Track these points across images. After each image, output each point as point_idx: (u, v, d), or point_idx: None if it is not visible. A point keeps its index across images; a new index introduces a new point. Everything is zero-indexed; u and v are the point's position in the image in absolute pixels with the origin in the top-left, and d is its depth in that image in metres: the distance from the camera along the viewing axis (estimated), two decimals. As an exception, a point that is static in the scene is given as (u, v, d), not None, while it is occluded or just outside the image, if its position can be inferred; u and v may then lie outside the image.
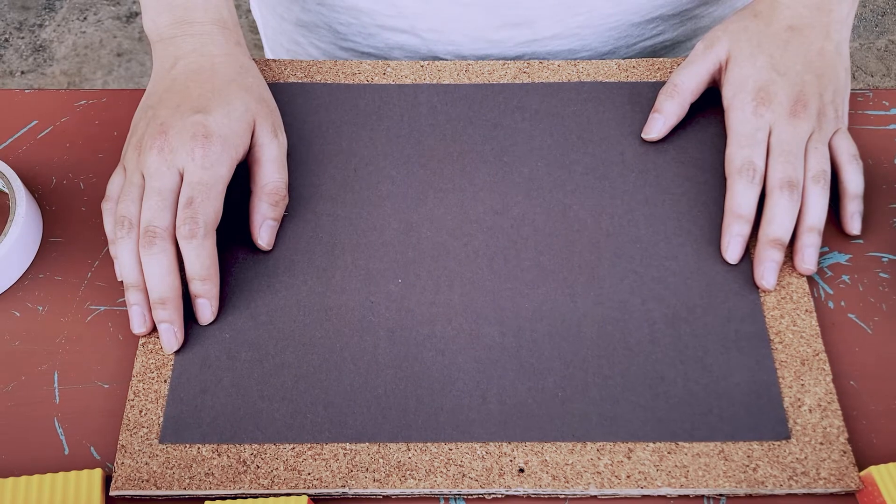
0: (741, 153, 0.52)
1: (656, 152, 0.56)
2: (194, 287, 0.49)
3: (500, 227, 0.53)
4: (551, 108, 0.58)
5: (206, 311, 0.49)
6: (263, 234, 0.52)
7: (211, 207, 0.48)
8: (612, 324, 0.49)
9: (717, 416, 0.46)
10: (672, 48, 0.71)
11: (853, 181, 0.53)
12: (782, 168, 0.51)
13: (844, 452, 0.45)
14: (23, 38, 1.81)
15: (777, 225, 0.50)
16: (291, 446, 0.46)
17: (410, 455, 0.45)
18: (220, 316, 0.50)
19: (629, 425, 0.46)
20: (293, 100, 0.59)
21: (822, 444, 0.45)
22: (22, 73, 1.75)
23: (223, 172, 0.49)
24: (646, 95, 0.58)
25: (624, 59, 0.69)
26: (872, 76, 1.71)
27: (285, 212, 0.53)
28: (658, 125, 0.56)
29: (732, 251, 0.51)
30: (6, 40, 1.79)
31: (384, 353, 0.48)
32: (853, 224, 0.53)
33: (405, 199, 0.54)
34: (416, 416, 0.46)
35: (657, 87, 0.58)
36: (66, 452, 0.46)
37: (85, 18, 1.85)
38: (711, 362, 0.48)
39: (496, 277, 0.51)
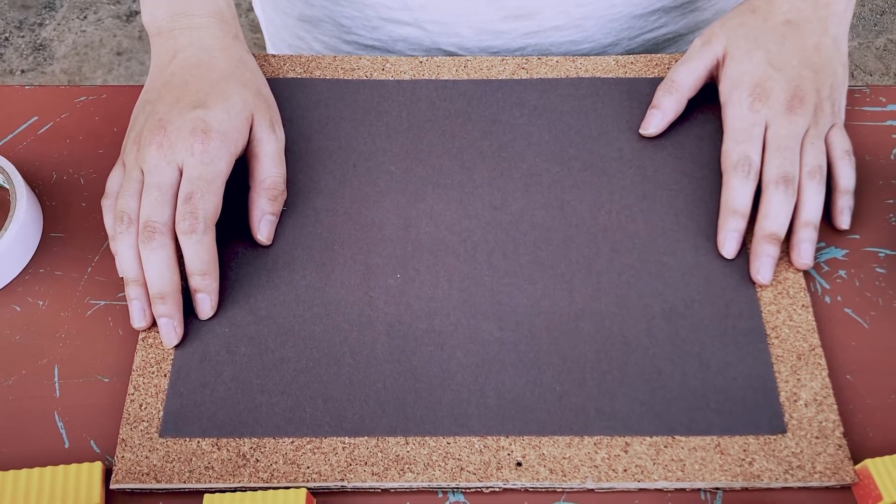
0: (737, 149, 0.52)
1: (654, 148, 0.56)
2: (194, 282, 0.49)
3: (498, 223, 0.53)
4: (550, 103, 0.58)
5: (205, 305, 0.49)
6: (263, 229, 0.52)
7: (210, 202, 0.49)
8: (609, 318, 0.49)
9: (714, 411, 0.46)
10: (674, 41, 0.71)
11: (844, 176, 0.53)
12: (778, 163, 0.51)
13: (840, 446, 0.45)
14: (23, 36, 1.81)
15: (773, 220, 0.50)
16: (290, 440, 0.46)
17: (409, 449, 0.45)
18: (220, 310, 0.50)
19: (626, 419, 0.46)
20: (292, 95, 0.59)
21: (817, 438, 0.45)
22: (22, 71, 1.75)
23: (222, 167, 0.50)
24: (644, 91, 0.58)
25: (625, 52, 0.69)
26: (871, 75, 1.71)
27: (284, 206, 0.54)
28: (656, 121, 0.56)
29: (728, 246, 0.51)
30: (6, 39, 1.80)
31: (383, 347, 0.48)
32: (842, 219, 0.53)
33: (404, 194, 0.54)
34: (415, 410, 0.46)
35: (655, 82, 0.59)
36: (67, 446, 0.47)
37: (85, 17, 1.85)
38: (708, 357, 0.48)
39: (495, 272, 0.51)
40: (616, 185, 0.55)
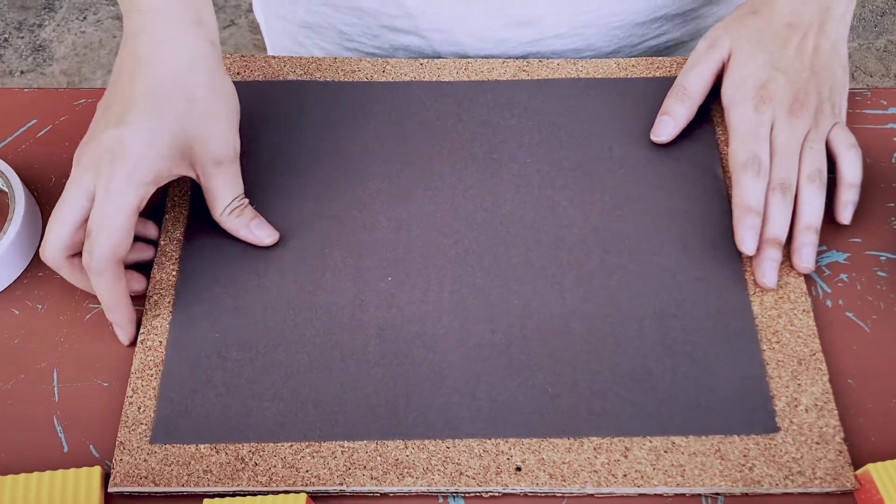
0: (746, 148, 0.52)
1: (645, 148, 0.56)
2: (105, 313, 0.48)
3: (489, 224, 0.53)
4: (540, 105, 0.58)
5: (120, 335, 0.49)
6: (258, 233, 0.51)
7: (106, 242, 0.46)
8: (600, 319, 0.49)
9: (706, 410, 0.46)
10: (676, 48, 0.71)
11: (850, 169, 0.53)
12: (775, 170, 0.51)
13: (840, 452, 0.45)
14: (22, 37, 1.81)
15: (774, 224, 0.50)
16: (290, 444, 0.46)
17: (408, 453, 0.45)
18: (210, 315, 0.50)
19: (618, 420, 0.46)
20: (282, 98, 0.58)
21: (818, 443, 0.45)
22: (21, 72, 1.75)
23: (129, 199, 0.46)
24: (636, 91, 0.58)
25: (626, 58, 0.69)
26: (871, 76, 1.71)
27: (267, 208, 0.53)
28: (669, 128, 0.55)
29: (748, 242, 0.50)
30: (6, 40, 1.80)
31: (374, 351, 0.48)
32: (845, 213, 0.52)
33: (394, 196, 0.54)
34: (407, 414, 0.46)
35: (647, 82, 0.58)
36: (66, 450, 0.46)
37: (84, 18, 1.85)
38: (699, 357, 0.48)
39: (485, 274, 0.51)
40: (607, 185, 0.54)
